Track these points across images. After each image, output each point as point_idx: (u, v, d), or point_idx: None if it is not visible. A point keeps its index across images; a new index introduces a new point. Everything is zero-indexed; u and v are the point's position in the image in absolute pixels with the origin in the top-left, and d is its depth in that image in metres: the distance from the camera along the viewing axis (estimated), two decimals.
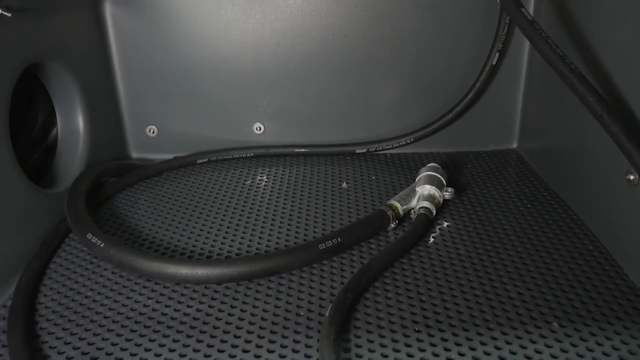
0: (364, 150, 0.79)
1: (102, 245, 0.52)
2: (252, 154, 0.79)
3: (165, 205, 0.67)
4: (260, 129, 0.80)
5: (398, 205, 0.59)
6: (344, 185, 0.70)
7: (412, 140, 0.77)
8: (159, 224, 0.62)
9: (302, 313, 0.47)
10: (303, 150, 0.79)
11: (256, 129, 0.80)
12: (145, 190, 0.71)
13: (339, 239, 0.53)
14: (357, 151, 0.79)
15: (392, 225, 0.58)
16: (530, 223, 0.59)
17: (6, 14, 0.53)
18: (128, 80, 0.78)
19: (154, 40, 0.75)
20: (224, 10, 0.74)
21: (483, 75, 0.74)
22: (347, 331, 0.44)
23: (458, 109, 0.76)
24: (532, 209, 0.62)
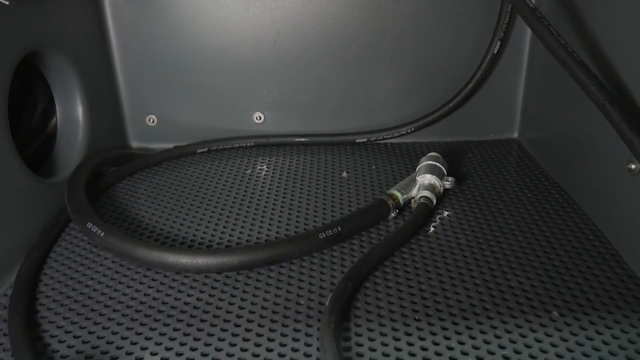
0: (365, 140, 0.78)
1: (102, 234, 0.52)
2: (252, 144, 0.79)
3: (165, 195, 0.66)
4: (260, 118, 0.79)
5: (398, 194, 0.59)
6: (344, 174, 0.70)
7: (413, 129, 0.77)
8: (159, 213, 0.62)
9: (302, 302, 0.47)
10: (303, 140, 0.79)
11: (256, 118, 0.79)
12: (145, 179, 0.71)
13: (339, 228, 0.53)
14: (357, 140, 0.79)
15: (393, 214, 0.58)
16: (531, 212, 0.59)
17: (4, 2, 0.53)
18: (127, 69, 0.77)
19: (154, 29, 0.75)
20: None
21: (484, 64, 0.73)
22: (347, 320, 0.44)
23: (459, 98, 0.75)
24: (532, 199, 0.62)
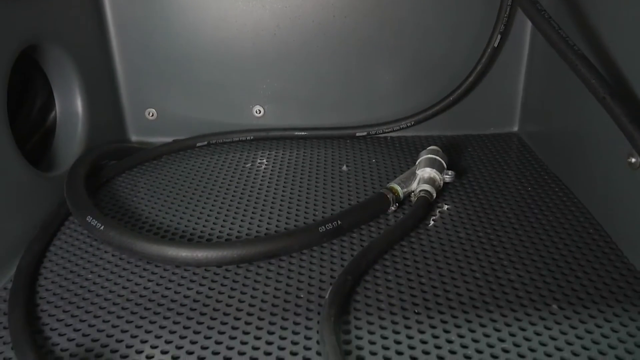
0: (364, 133, 0.78)
1: (102, 227, 0.52)
2: (251, 137, 0.78)
3: (165, 188, 0.66)
4: (260, 112, 0.79)
5: (398, 188, 0.59)
6: (344, 168, 0.70)
7: (413, 123, 0.77)
8: (158, 206, 0.62)
9: (302, 295, 0.47)
10: (303, 133, 0.79)
11: (256, 111, 0.79)
12: (144, 173, 0.71)
13: (339, 222, 0.53)
14: (357, 134, 0.78)
15: (392, 208, 0.58)
16: (531, 206, 0.59)
17: None
18: (127, 62, 0.77)
19: (153, 22, 0.75)
20: None
21: (484, 58, 0.73)
22: (347, 313, 0.44)
23: (459, 91, 0.75)
24: (532, 192, 0.62)
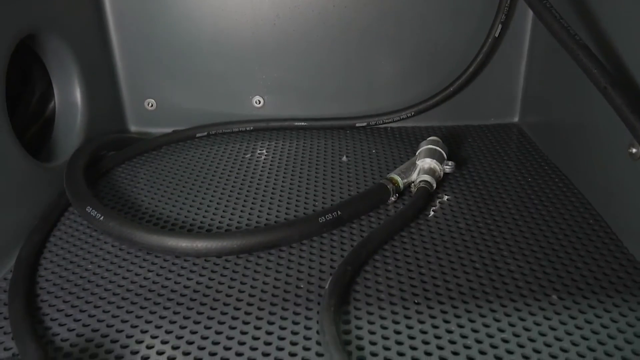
0: (364, 124, 0.78)
1: (102, 218, 0.52)
2: (251, 128, 0.78)
3: (165, 179, 0.66)
4: (259, 102, 0.79)
5: (398, 178, 0.59)
6: (344, 158, 0.70)
7: (413, 113, 0.77)
8: (158, 197, 0.62)
9: (302, 285, 0.47)
10: (303, 124, 0.79)
11: (255, 102, 0.79)
12: (144, 163, 0.71)
13: (339, 212, 0.53)
14: (357, 125, 0.78)
15: (392, 198, 0.58)
16: (531, 197, 0.59)
17: None
18: (126, 52, 0.77)
19: (152, 12, 0.74)
20: None
21: (485, 48, 0.73)
22: (347, 303, 0.44)
23: (459, 82, 0.75)
24: (532, 183, 0.62)
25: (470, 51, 0.74)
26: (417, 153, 0.62)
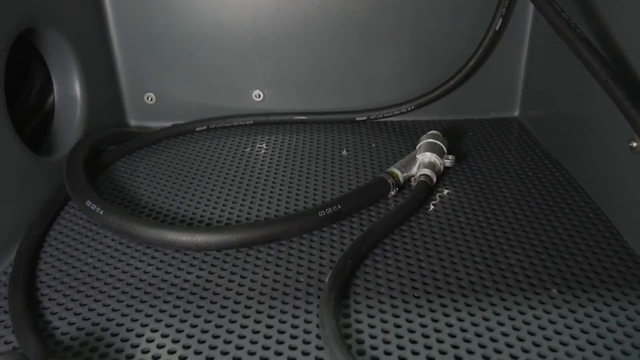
0: (364, 118, 0.78)
1: (102, 212, 0.52)
2: (251, 122, 0.78)
3: (165, 173, 0.66)
4: (259, 96, 0.79)
5: (398, 172, 0.59)
6: (344, 152, 0.70)
7: (413, 107, 0.76)
8: (158, 191, 0.62)
9: (302, 279, 0.47)
10: (303, 118, 0.78)
11: (255, 96, 0.79)
12: (144, 158, 0.71)
13: (339, 206, 0.53)
14: (357, 119, 0.78)
15: (392, 192, 0.58)
16: (531, 191, 0.59)
17: None
18: (125, 46, 0.76)
19: (152, 6, 0.74)
20: None
21: (486, 42, 0.72)
22: (347, 297, 0.44)
23: (460, 76, 0.75)
24: (533, 177, 0.62)
25: (470, 45, 0.74)
26: (417, 147, 0.62)
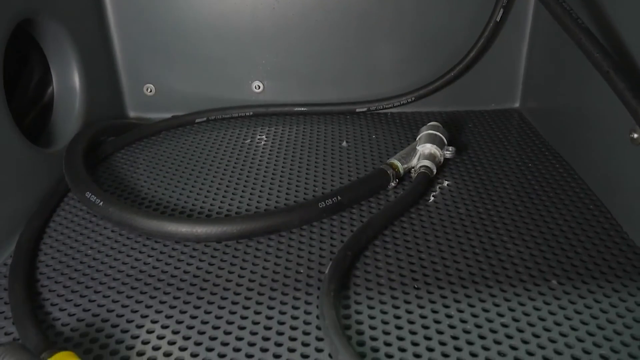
0: (365, 109, 0.78)
1: (101, 203, 0.52)
2: (251, 113, 0.78)
3: (164, 164, 0.66)
4: (259, 87, 0.79)
5: (398, 164, 0.59)
6: (344, 144, 0.70)
7: (413, 99, 0.76)
8: (158, 182, 0.62)
9: (302, 270, 0.47)
10: (303, 109, 0.78)
11: (255, 87, 0.79)
12: (143, 149, 0.70)
13: (339, 198, 0.53)
14: (357, 110, 0.78)
15: (393, 184, 0.58)
16: (531, 182, 0.59)
17: None
18: (124, 37, 0.76)
19: None
20: None
21: (486, 33, 0.72)
22: (347, 288, 0.44)
23: (460, 67, 0.74)
24: (533, 168, 0.62)
25: (471, 36, 0.73)
26: (417, 138, 0.62)
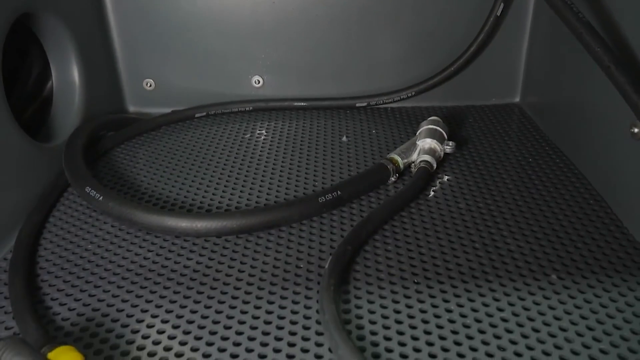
0: (365, 104, 0.78)
1: (101, 198, 0.52)
2: (251, 108, 0.78)
3: (164, 159, 0.66)
4: (259, 82, 0.78)
5: (398, 158, 0.59)
6: (344, 138, 0.70)
7: (414, 93, 0.76)
8: (157, 177, 0.62)
9: (301, 265, 0.47)
10: (303, 104, 0.78)
11: (255, 82, 0.78)
12: (143, 144, 0.70)
13: (339, 192, 0.53)
14: (357, 105, 0.78)
15: (393, 178, 0.58)
16: (532, 177, 0.59)
17: None
18: (124, 32, 0.76)
19: None
20: None
21: (487, 27, 0.72)
22: (347, 283, 0.44)
23: (460, 62, 0.74)
24: (533, 163, 0.62)
25: (471, 30, 0.73)
26: (417, 133, 0.62)
